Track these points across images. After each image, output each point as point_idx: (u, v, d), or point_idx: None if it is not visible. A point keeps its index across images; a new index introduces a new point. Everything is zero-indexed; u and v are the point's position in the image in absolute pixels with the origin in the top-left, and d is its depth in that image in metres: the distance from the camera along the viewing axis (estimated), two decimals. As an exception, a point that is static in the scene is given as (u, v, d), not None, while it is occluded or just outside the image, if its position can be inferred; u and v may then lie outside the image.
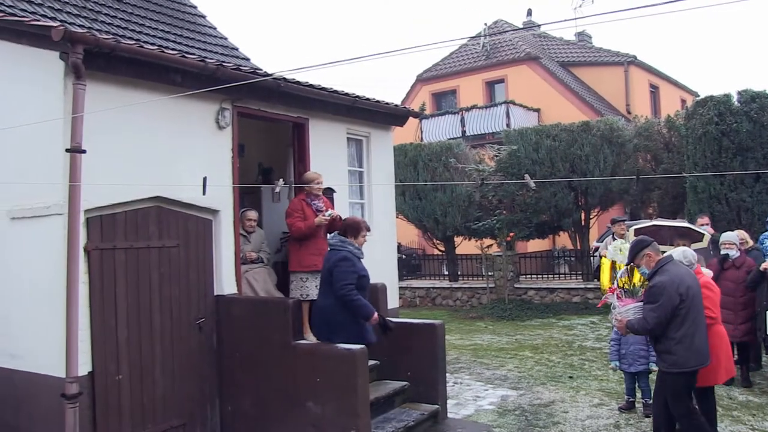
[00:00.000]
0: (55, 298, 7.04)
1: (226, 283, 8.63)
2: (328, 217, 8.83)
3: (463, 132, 30.72)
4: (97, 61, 7.06)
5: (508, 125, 28.90)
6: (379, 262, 10.56)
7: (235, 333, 8.40)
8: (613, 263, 12.32)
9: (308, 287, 8.84)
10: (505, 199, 21.19)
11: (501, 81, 33.61)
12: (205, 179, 7.71)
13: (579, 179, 19.33)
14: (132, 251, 7.60)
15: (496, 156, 21.69)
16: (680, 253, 7.95)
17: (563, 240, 26.00)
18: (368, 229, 8.20)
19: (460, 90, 34.48)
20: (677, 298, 7.19)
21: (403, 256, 25.25)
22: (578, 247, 21.39)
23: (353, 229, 8.10)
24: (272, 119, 9.52)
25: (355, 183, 10.84)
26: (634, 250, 7.58)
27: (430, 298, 22.64)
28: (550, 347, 14.50)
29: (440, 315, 20.26)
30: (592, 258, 20.22)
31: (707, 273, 8.42)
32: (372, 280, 8.53)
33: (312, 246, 8.85)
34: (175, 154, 8.04)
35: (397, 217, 13.69)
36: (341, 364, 7.53)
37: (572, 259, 22.46)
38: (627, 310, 7.56)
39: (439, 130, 31.36)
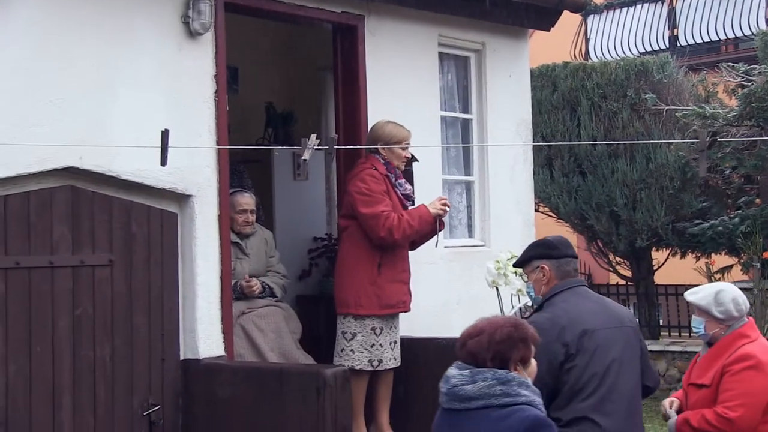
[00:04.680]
0: None
1: (202, 336, 6.64)
2: (445, 210, 6.74)
3: (673, 38, 20.20)
4: None
5: (768, 21, 19.59)
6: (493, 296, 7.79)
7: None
8: None
9: (382, 345, 6.66)
10: (762, 175, 14.33)
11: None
12: (165, 135, 5.56)
13: None
14: (17, 275, 5.74)
15: (742, 86, 14.27)
16: None
17: None
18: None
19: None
20: None
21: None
22: None
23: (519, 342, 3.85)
24: (292, 18, 7.50)
25: (456, 142, 8.61)
26: None
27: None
28: None
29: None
30: None
31: None
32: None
33: (398, 265, 6.67)
34: (105, 84, 6.10)
35: (536, 211, 10.59)
36: None
37: None
38: None
39: (623, 35, 20.86)
